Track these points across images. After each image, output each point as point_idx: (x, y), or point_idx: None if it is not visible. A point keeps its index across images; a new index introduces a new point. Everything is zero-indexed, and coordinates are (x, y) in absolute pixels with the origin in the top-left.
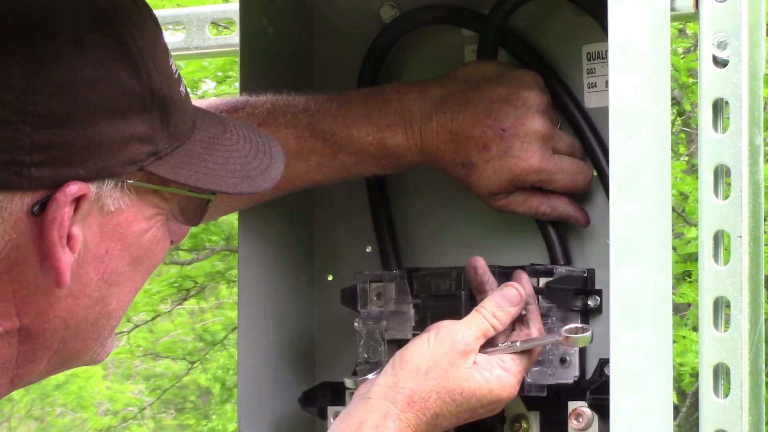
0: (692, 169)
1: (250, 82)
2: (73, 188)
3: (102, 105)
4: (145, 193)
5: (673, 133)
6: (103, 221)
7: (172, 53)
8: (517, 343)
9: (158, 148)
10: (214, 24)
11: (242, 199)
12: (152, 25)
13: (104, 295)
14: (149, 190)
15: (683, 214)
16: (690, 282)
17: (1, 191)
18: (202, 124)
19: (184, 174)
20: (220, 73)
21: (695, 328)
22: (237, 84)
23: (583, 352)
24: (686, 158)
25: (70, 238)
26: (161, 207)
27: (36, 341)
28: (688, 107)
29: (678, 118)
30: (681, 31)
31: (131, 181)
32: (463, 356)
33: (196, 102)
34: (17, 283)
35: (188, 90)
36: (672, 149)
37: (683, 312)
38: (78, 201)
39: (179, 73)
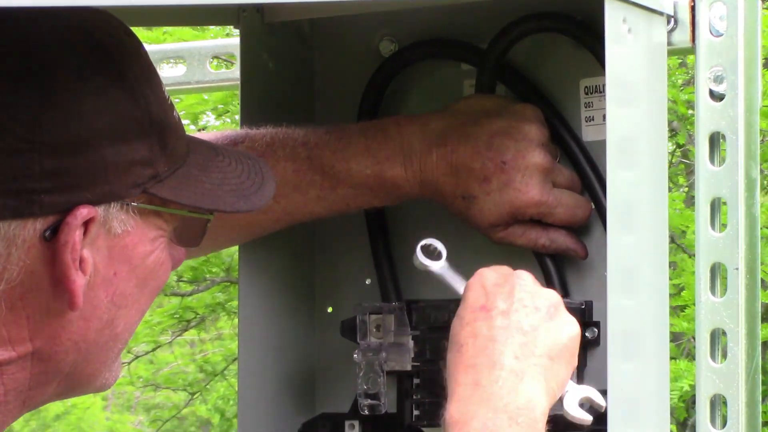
0: (691, 201)
1: (250, 115)
2: (83, 212)
3: (105, 131)
4: (148, 215)
5: (672, 164)
6: (110, 244)
7: (173, 87)
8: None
9: (158, 171)
10: (216, 57)
11: (243, 233)
12: (144, 54)
13: (113, 317)
14: (151, 212)
15: (682, 245)
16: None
17: (15, 219)
18: (195, 148)
19: (184, 195)
20: (220, 106)
21: (687, 356)
22: (237, 117)
23: (581, 383)
24: (686, 189)
25: (81, 261)
26: (163, 229)
27: (48, 364)
28: (682, 141)
29: (677, 150)
30: (681, 63)
31: (135, 204)
32: None
33: (197, 135)
34: (31, 309)
35: (180, 116)
36: (671, 180)
37: (679, 341)
38: (87, 224)
39: (171, 100)
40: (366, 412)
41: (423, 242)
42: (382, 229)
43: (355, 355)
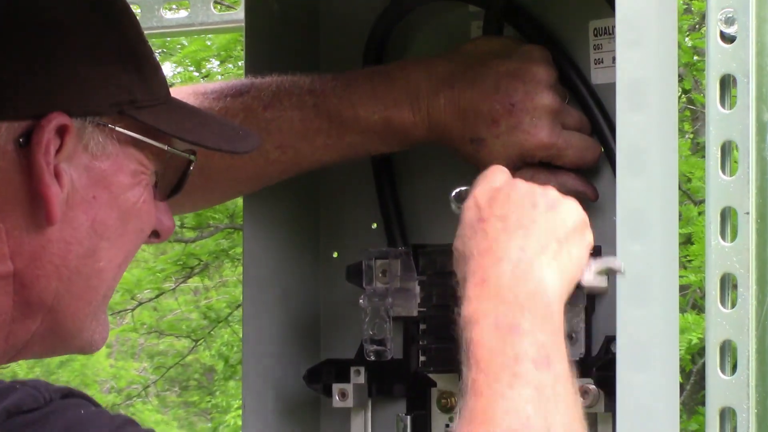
0: (697, 147)
1: (255, 58)
2: (57, 117)
3: (77, 44)
4: (127, 144)
5: (678, 111)
6: (88, 165)
7: (176, 30)
8: None
9: (137, 98)
10: (218, 2)
11: (251, 184)
12: None
13: (95, 247)
14: (131, 142)
15: (688, 192)
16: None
17: None
18: (177, 101)
19: (164, 124)
20: (222, 53)
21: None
22: (241, 63)
23: (589, 329)
24: (691, 136)
25: (58, 174)
26: (144, 165)
27: (31, 291)
28: (688, 86)
29: (683, 96)
30: (687, 9)
31: (113, 127)
32: None
33: (201, 84)
34: (9, 223)
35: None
36: (678, 126)
37: (684, 291)
38: (63, 137)
39: (150, 47)
40: (372, 358)
41: (456, 190)
42: (388, 173)
43: (360, 301)
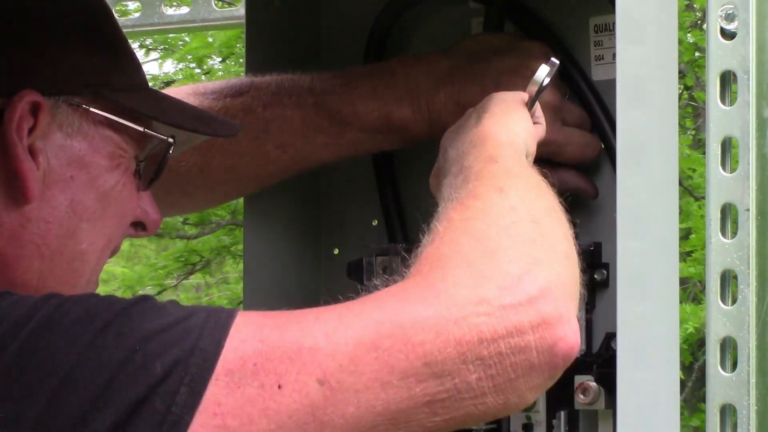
0: (699, 144)
1: (256, 54)
2: (28, 95)
3: (48, 28)
4: (103, 127)
5: (679, 107)
6: (63, 144)
7: (178, 26)
8: None
9: (112, 80)
10: None
11: (252, 184)
12: None
13: (75, 228)
14: (106, 123)
15: (689, 188)
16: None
17: None
18: (154, 89)
19: (140, 105)
20: (224, 49)
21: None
22: (242, 60)
23: (589, 326)
24: (692, 132)
25: (33, 152)
26: (122, 149)
27: (14, 272)
28: (690, 82)
29: (684, 92)
30: (688, 6)
31: (86, 107)
32: None
33: (201, 83)
34: None
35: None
36: (678, 123)
37: (685, 285)
38: (36, 115)
39: (126, 39)
40: None
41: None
42: (389, 170)
43: None
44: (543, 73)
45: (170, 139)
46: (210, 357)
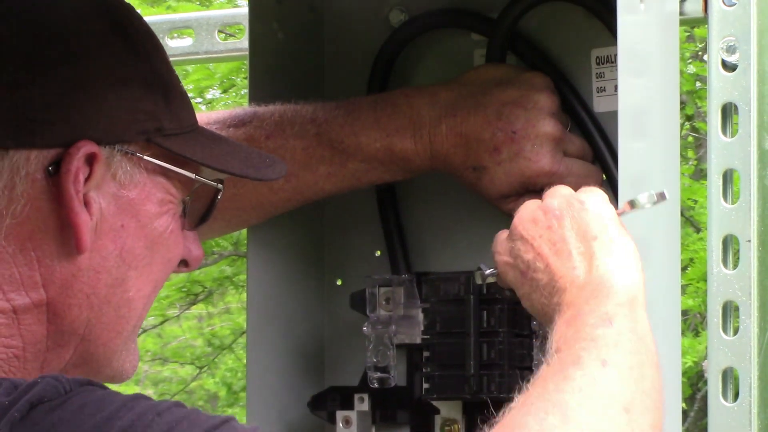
0: (701, 174)
1: (259, 86)
2: (85, 146)
3: (104, 72)
4: (155, 173)
5: (681, 137)
6: (117, 193)
7: (181, 58)
8: None
9: (163, 125)
10: (222, 32)
11: (255, 214)
12: (145, 22)
13: (123, 277)
14: (158, 170)
15: (691, 219)
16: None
17: (18, 149)
18: (203, 129)
19: (190, 151)
20: (225, 81)
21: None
22: (244, 91)
23: None
24: (694, 162)
25: (87, 202)
26: (172, 194)
27: (63, 321)
28: (691, 111)
29: (686, 123)
30: (689, 37)
31: (140, 155)
32: None
33: (205, 113)
34: (40, 251)
35: (186, 92)
36: (680, 153)
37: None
38: (92, 165)
39: (177, 75)
40: (375, 385)
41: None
42: (391, 201)
43: (364, 328)
44: (645, 199)
45: (219, 186)
46: None
